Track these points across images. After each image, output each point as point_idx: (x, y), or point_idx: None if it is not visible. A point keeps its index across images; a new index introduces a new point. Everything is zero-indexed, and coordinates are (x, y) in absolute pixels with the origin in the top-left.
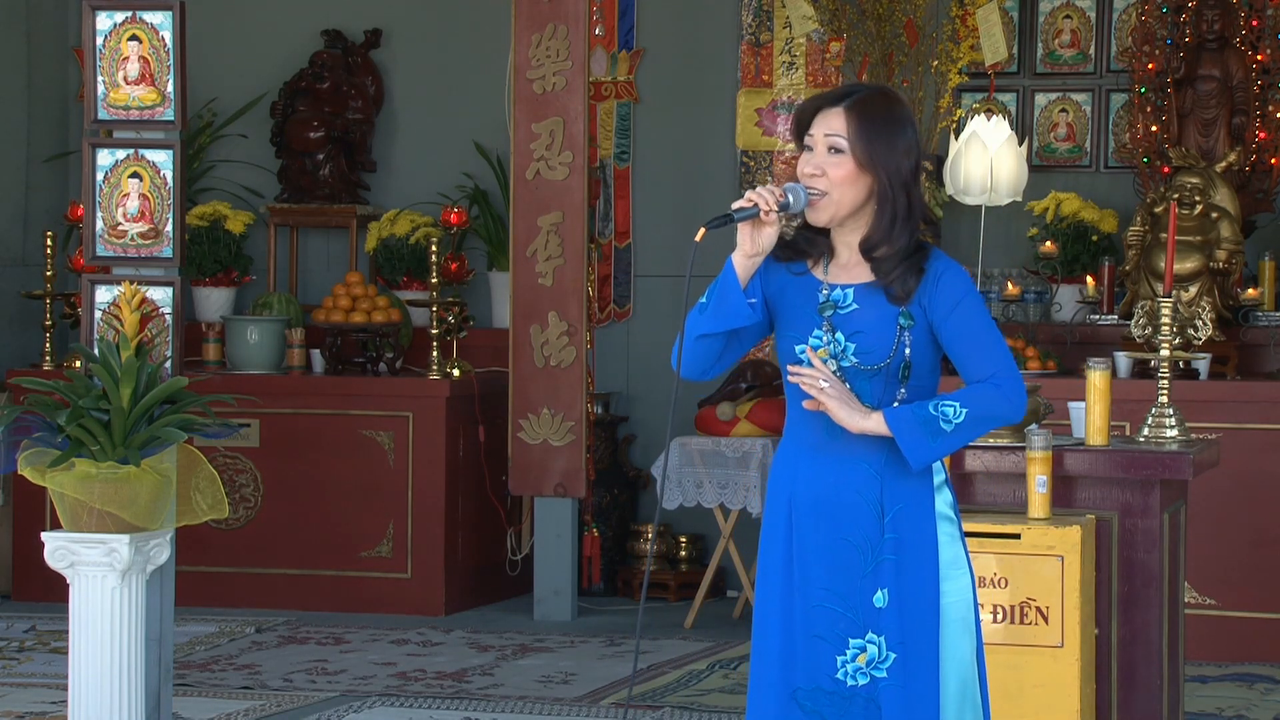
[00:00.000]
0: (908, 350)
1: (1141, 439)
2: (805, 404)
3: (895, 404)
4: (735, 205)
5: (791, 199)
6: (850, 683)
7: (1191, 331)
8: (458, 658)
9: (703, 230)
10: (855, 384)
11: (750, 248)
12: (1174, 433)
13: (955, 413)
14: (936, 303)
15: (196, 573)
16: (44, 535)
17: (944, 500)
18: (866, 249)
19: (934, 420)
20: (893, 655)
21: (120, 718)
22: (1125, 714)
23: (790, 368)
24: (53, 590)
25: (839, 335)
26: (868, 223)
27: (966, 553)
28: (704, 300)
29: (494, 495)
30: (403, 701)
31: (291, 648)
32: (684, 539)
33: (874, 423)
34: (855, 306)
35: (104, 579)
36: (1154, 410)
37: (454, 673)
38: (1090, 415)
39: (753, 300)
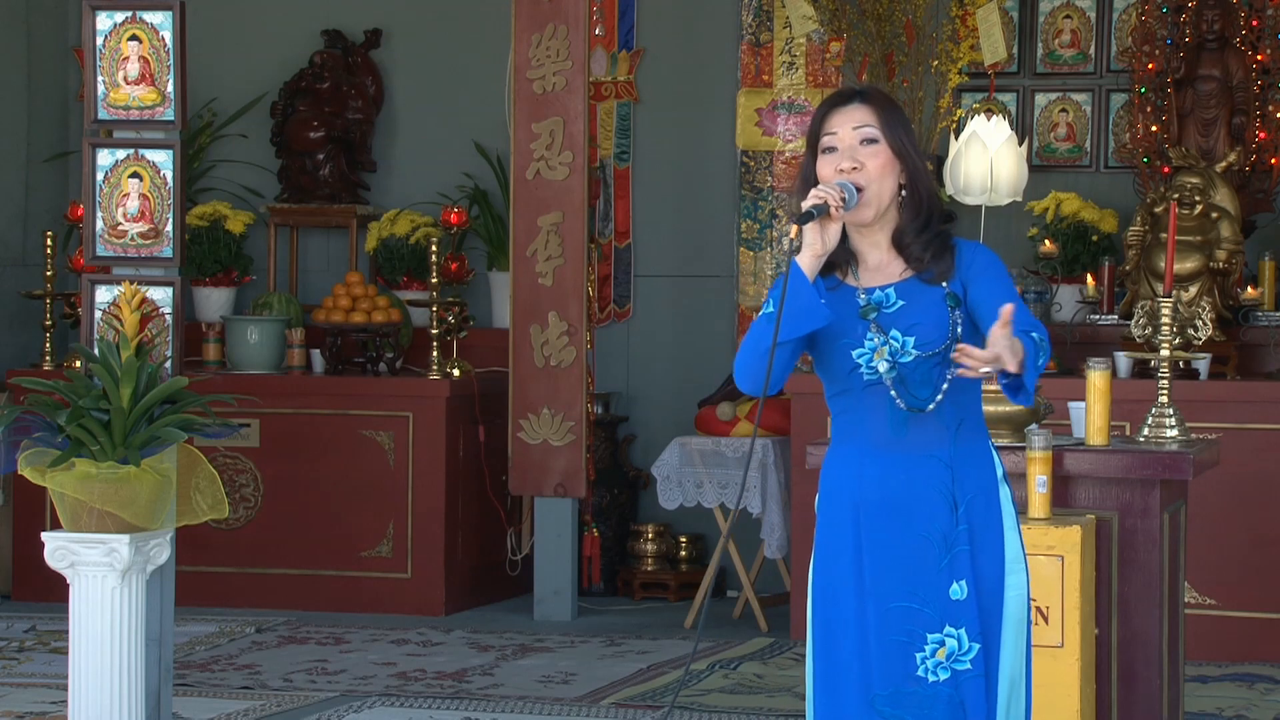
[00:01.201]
0: (959, 329)
1: (1141, 439)
2: (969, 374)
3: (945, 385)
4: (808, 204)
5: (847, 196)
6: (931, 679)
7: (1191, 331)
8: (458, 658)
9: (796, 228)
10: (917, 374)
11: (820, 246)
12: (1174, 433)
13: (1039, 341)
14: (974, 266)
15: (196, 573)
16: (44, 535)
17: (1005, 494)
18: (900, 238)
19: (1034, 353)
20: (976, 646)
21: (120, 718)
22: (1125, 714)
23: (960, 348)
24: (53, 590)
25: (894, 334)
26: (894, 217)
27: (1024, 550)
28: (769, 310)
29: (494, 495)
30: (403, 701)
31: (291, 648)
32: (684, 539)
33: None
34: (901, 303)
35: (104, 579)
36: (1154, 410)
37: (454, 673)
38: (1090, 415)
39: (823, 299)
